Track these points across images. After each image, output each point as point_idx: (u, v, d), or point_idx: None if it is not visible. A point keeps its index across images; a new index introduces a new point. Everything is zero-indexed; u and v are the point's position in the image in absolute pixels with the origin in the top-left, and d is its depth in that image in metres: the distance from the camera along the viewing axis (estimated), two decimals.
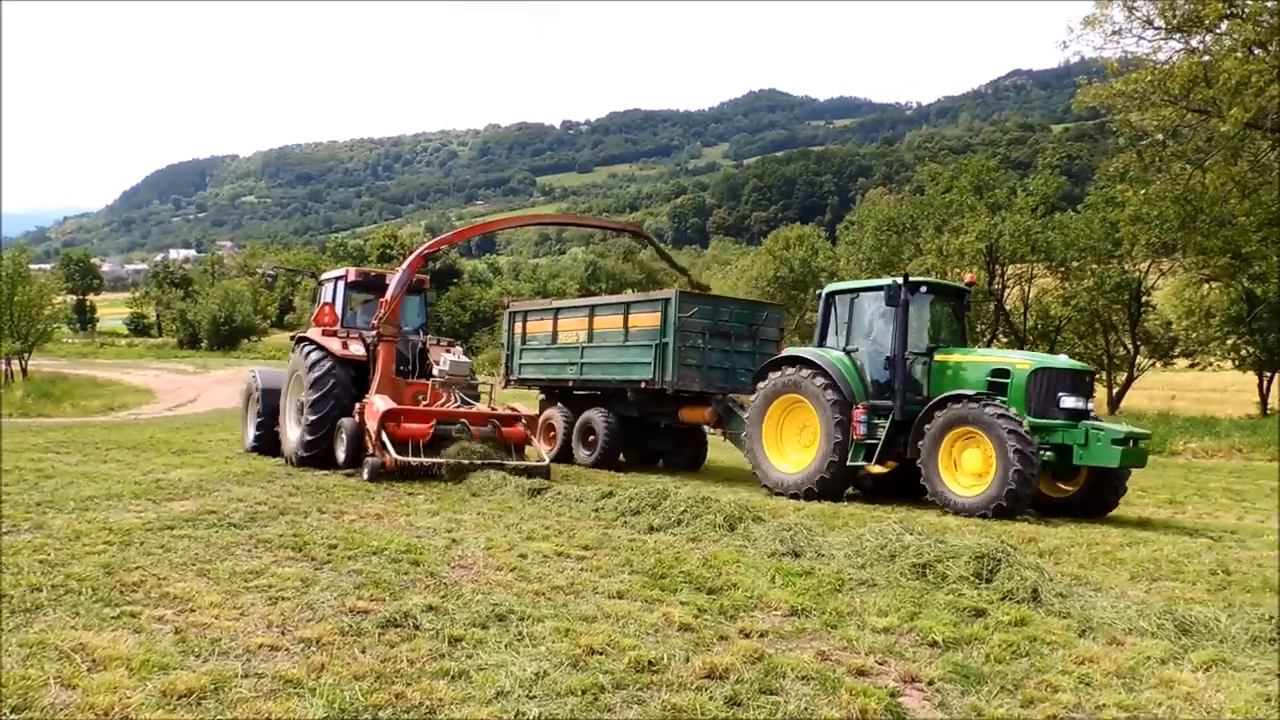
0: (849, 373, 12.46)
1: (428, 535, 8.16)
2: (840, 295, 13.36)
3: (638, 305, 16.06)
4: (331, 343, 13.72)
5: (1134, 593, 6.77)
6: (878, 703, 4.11)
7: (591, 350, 16.53)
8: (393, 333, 13.59)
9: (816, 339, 13.44)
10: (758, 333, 16.14)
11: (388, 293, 13.73)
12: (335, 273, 15.61)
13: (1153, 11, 26.05)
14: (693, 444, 17.29)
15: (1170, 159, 26.90)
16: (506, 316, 18.91)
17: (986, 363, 12.14)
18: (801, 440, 13.02)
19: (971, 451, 11.26)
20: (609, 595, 6.08)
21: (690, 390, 15.24)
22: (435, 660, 4.52)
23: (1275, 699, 4.37)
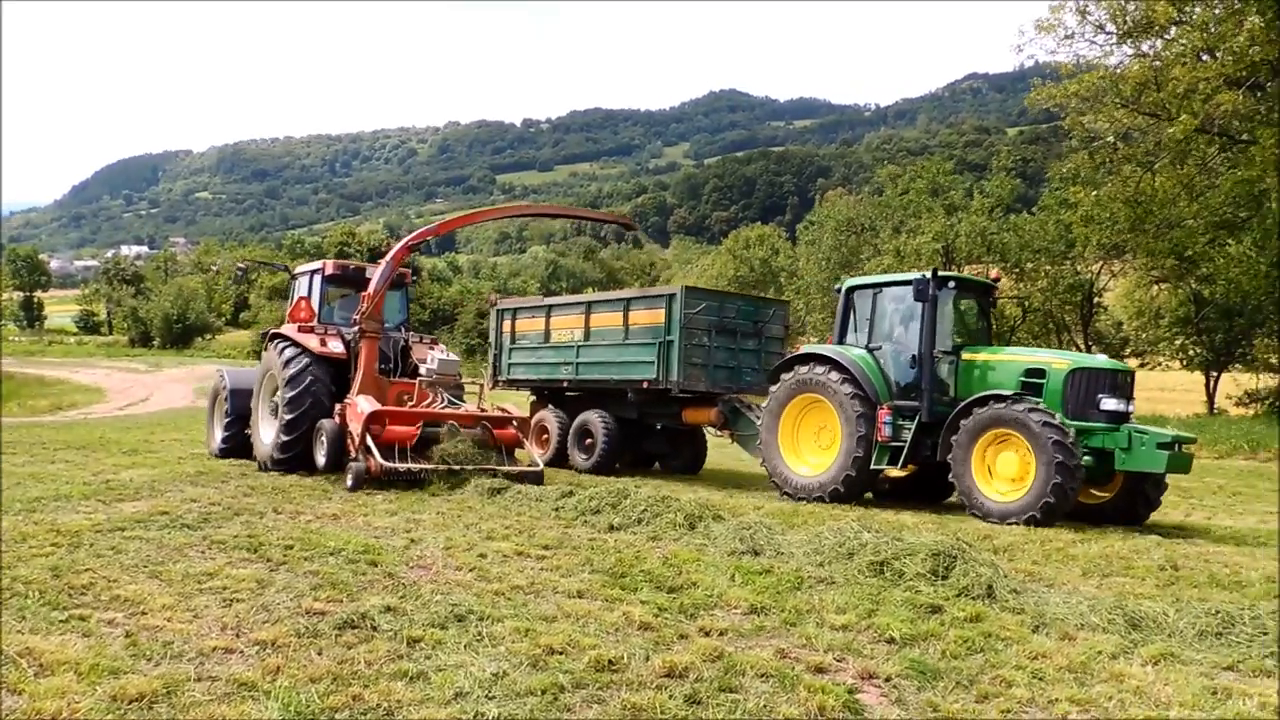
0: (872, 372, 11.95)
1: (386, 535, 8.08)
2: (861, 290, 12.79)
3: (639, 302, 15.43)
4: (309, 340, 12.96)
5: (1085, 588, 6.89)
6: (836, 700, 4.14)
7: (588, 349, 15.88)
8: (376, 329, 12.93)
9: (836, 336, 12.85)
10: (763, 330, 15.56)
11: (370, 286, 13.06)
12: (311, 266, 14.79)
13: (1104, 16, 26.55)
14: (691, 446, 16.65)
15: (1121, 161, 27.42)
16: (494, 315, 18.18)
17: (1020, 362, 11.56)
18: (819, 442, 12.45)
19: (1008, 455, 10.69)
20: (569, 595, 6.07)
21: (695, 390, 14.68)
22: (393, 661, 4.48)
23: (1222, 691, 4.46)
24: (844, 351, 12.21)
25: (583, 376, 15.95)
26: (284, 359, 12.73)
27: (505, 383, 17.63)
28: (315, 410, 12.47)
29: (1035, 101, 28.68)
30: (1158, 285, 33.84)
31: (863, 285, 12.85)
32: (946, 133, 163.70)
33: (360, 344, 12.82)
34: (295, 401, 12.42)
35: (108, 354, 69.14)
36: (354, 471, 11.25)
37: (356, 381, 12.64)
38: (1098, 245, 28.73)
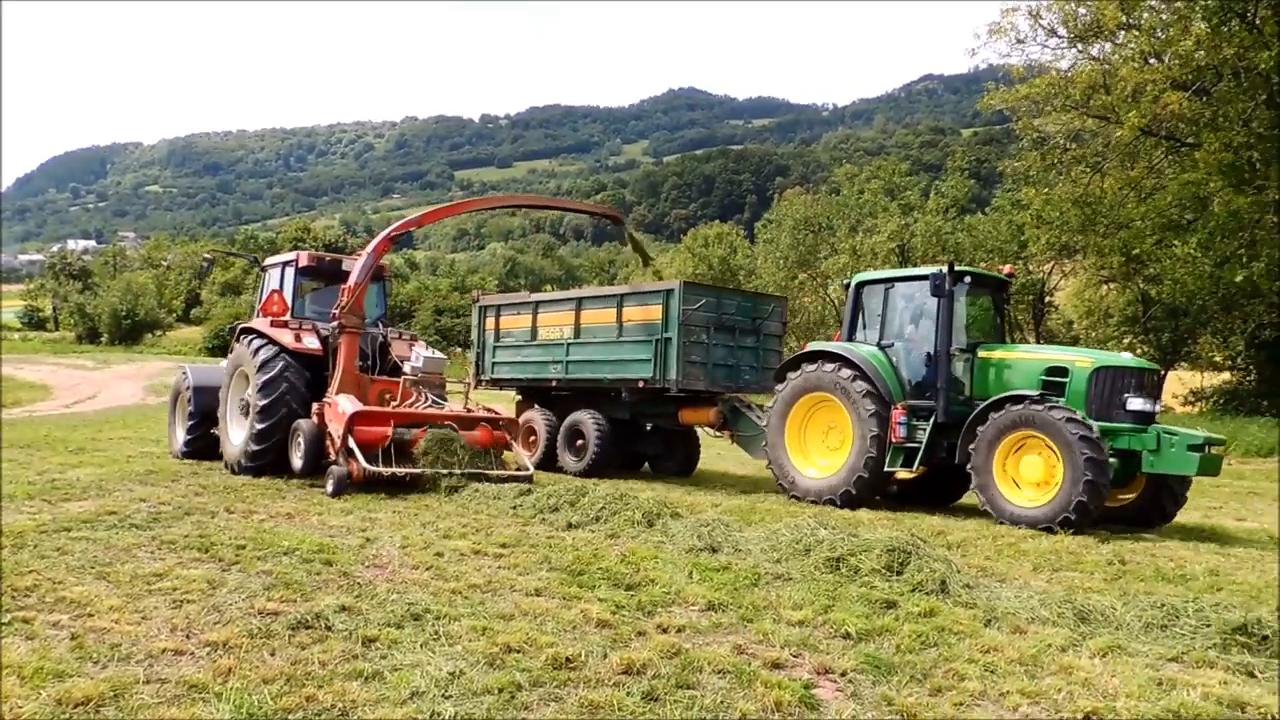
0: (885, 370, 11.58)
1: (341, 534, 8.00)
2: (872, 286, 12.38)
3: (634, 298, 14.77)
4: (282, 335, 12.33)
5: (1036, 583, 7.01)
6: (792, 695, 4.17)
7: (578, 347, 15.27)
8: (357, 324, 12.36)
9: (845, 333, 12.45)
10: (761, 327, 15.02)
11: (350, 279, 12.47)
12: (284, 257, 14.14)
13: (1055, 20, 27.02)
14: (684, 447, 16.07)
15: (1071, 163, 27.91)
16: (476, 311, 17.42)
17: (1040, 360, 11.16)
18: (828, 443, 12.06)
19: (1031, 459, 10.28)
20: (526, 593, 6.05)
21: (694, 390, 14.11)
22: (348, 661, 4.43)
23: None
24: (855, 349, 11.87)
25: (573, 375, 15.40)
26: (256, 355, 12.10)
27: (488, 382, 17.05)
28: (290, 409, 11.88)
29: (988, 105, 29.12)
30: (1107, 285, 34.50)
31: (873, 281, 12.43)
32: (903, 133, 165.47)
33: (339, 340, 12.27)
34: (268, 399, 11.81)
35: (54, 350, 67.60)
36: (335, 476, 10.62)
37: (335, 379, 12.08)
38: (1048, 245, 29.23)
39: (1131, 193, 26.52)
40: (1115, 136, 25.38)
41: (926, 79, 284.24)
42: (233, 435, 12.60)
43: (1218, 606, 5.79)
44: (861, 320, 12.30)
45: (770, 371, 14.69)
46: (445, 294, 76.68)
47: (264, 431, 11.75)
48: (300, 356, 12.24)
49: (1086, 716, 4.08)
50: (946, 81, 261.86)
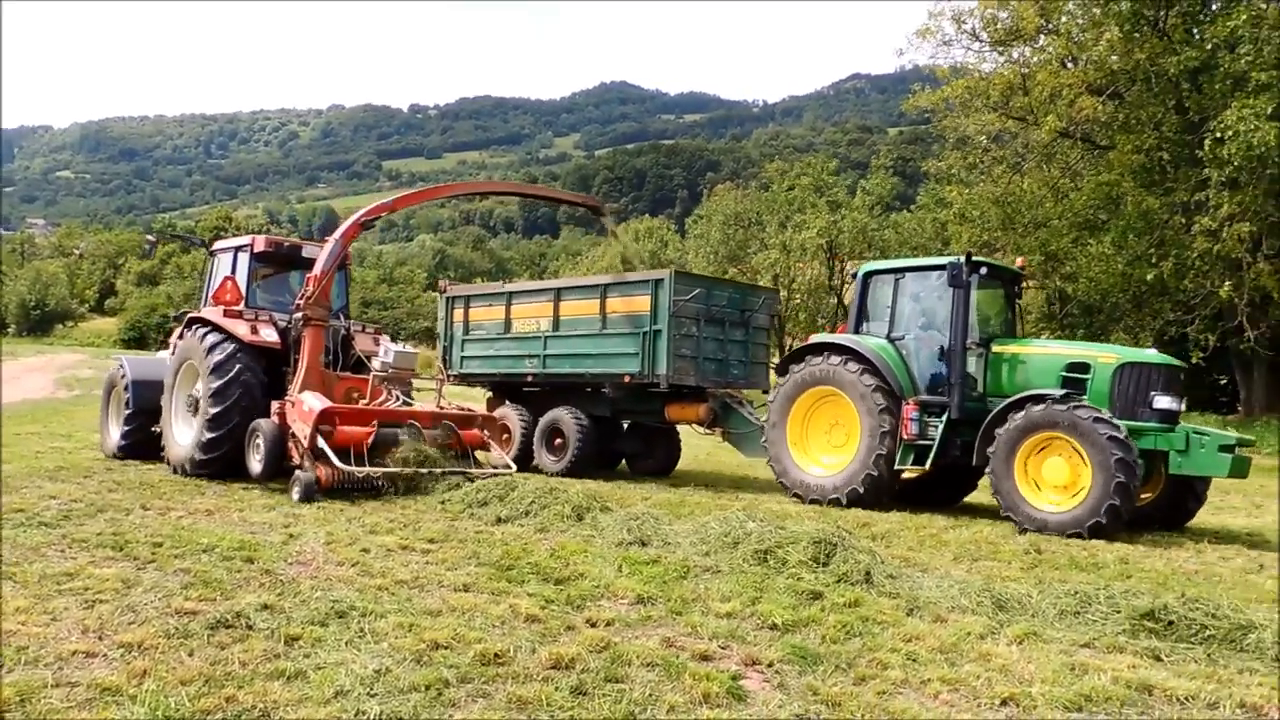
0: (895, 363, 11.12)
1: (263, 531, 7.83)
2: (880, 276, 11.86)
3: (619, 288, 14.00)
4: (236, 326, 11.44)
5: (957, 572, 7.18)
6: (720, 686, 4.21)
7: (557, 340, 14.52)
8: (322, 316, 11.48)
9: (851, 325, 11.96)
10: (750, 320, 14.40)
11: (316, 266, 11.57)
12: (236, 241, 13.16)
13: (978, 24, 27.67)
14: (665, 445, 15.37)
15: (992, 163, 28.63)
16: (443, 302, 16.53)
17: (1059, 356, 10.70)
18: (831, 439, 11.58)
19: (1055, 460, 9.76)
20: (455, 588, 6.00)
21: (684, 385, 13.44)
22: (270, 661, 4.34)
23: None
24: (863, 341, 11.36)
25: (551, 370, 14.66)
26: (208, 348, 11.23)
27: (457, 378, 16.14)
28: (246, 407, 11.02)
29: (913, 105, 29.73)
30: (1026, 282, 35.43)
31: (882, 270, 11.92)
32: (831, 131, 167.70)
33: (303, 333, 11.36)
34: (221, 394, 10.95)
35: None
36: (302, 482, 9.75)
37: (299, 375, 11.15)
38: (970, 243, 29.85)
39: (1049, 192, 27.31)
40: (1033, 138, 26.11)
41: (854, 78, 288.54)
42: (179, 435, 11.73)
43: (1127, 593, 6.01)
44: (869, 312, 11.83)
45: (760, 366, 14.49)
46: (373, 286, 75.36)
47: (216, 432, 10.91)
48: (256, 350, 11.44)
49: (1004, 702, 4.20)
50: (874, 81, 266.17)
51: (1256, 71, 20.25)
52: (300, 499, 9.55)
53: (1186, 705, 4.21)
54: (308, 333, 11.36)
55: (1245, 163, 20.00)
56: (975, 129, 28.07)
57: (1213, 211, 21.52)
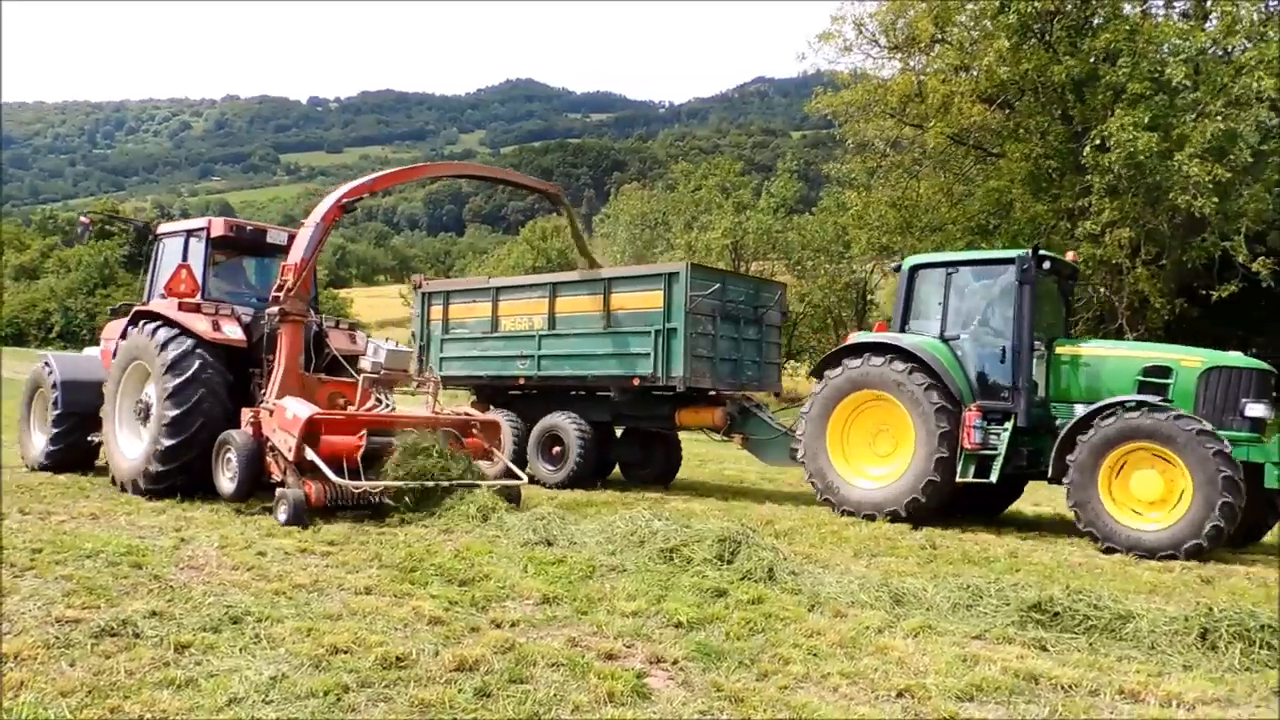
0: (951, 365, 10.29)
1: (152, 535, 7.53)
2: (928, 270, 11.02)
3: (626, 282, 13.00)
4: (195, 321, 10.05)
5: (856, 568, 7.36)
6: (625, 685, 4.22)
7: (553, 340, 13.49)
8: (302, 311, 10.16)
9: (896, 322, 11.04)
10: (762, 317, 13.55)
11: (294, 253, 10.18)
12: (189, 224, 11.58)
13: (877, 30, 28.38)
14: (665, 452, 14.37)
15: (890, 167, 29.39)
16: (419, 299, 15.41)
17: (1134, 358, 9.89)
18: (876, 448, 10.70)
19: (1145, 474, 8.96)
20: (355, 591, 5.88)
21: (700, 388, 12.56)
22: (158, 669, 4.18)
23: None
24: (918, 342, 10.51)
25: (547, 372, 13.59)
26: (163, 346, 9.84)
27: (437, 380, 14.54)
28: (209, 409, 9.70)
29: (814, 109, 30.30)
30: None
31: (932, 264, 11.10)
32: (736, 133, 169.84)
33: (280, 329, 9.98)
34: (180, 395, 9.57)
35: None
36: (290, 501, 8.48)
37: (276, 378, 9.80)
38: (869, 245, 30.62)
39: (944, 198, 28.17)
40: (928, 144, 26.90)
41: (758, 81, 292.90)
42: (125, 447, 10.31)
43: (1016, 586, 6.25)
44: (916, 308, 10.98)
45: (772, 367, 13.77)
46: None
47: (175, 438, 9.53)
48: (218, 349, 10.07)
49: (900, 693, 4.32)
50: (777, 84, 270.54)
51: (1134, 83, 21.28)
52: (288, 521, 8.32)
53: (1070, 693, 4.40)
54: (285, 330, 9.97)
55: (1125, 170, 21.00)
56: (874, 134, 28.79)
57: (1095, 217, 22.51)
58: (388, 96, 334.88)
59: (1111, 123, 21.18)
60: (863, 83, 28.48)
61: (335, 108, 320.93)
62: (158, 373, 9.83)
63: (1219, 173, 20.06)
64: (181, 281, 10.54)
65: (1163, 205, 21.88)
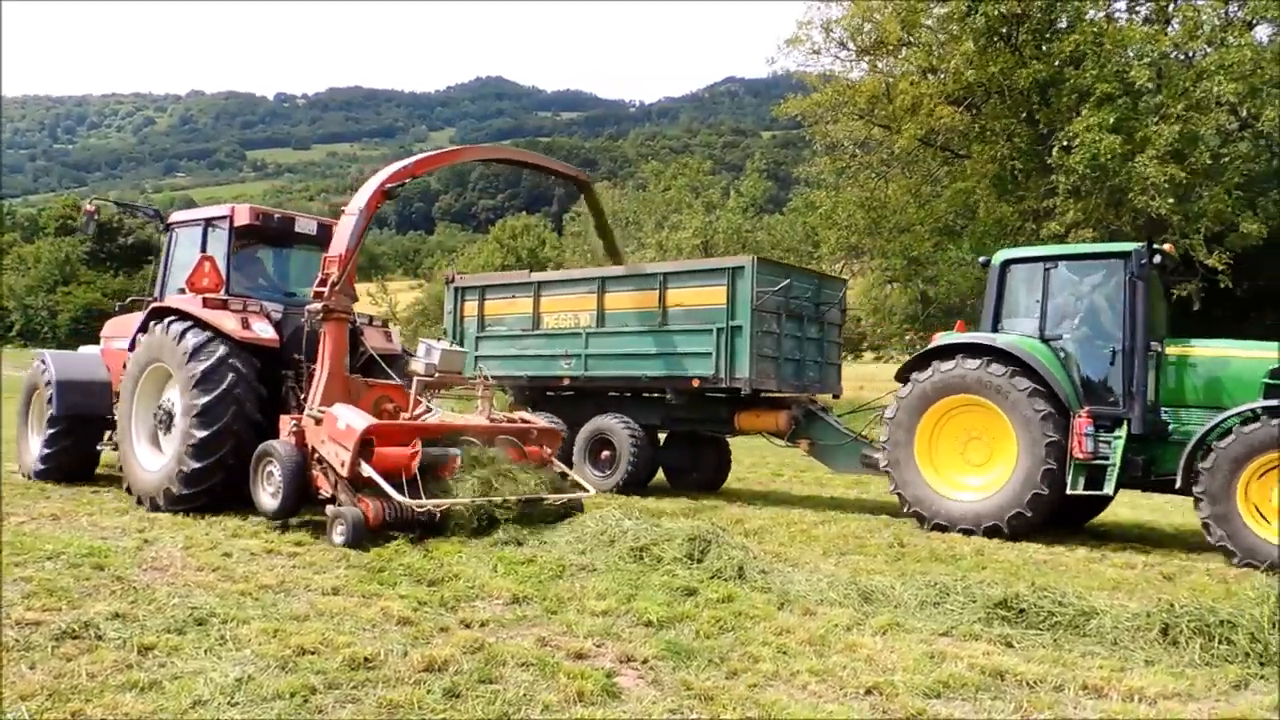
0: (1055, 368, 9.55)
1: (115, 536, 7.43)
2: (1023, 265, 10.29)
3: (685, 278, 12.35)
4: (223, 319, 9.10)
5: (825, 566, 7.40)
6: (594, 684, 4.22)
7: (603, 338, 12.75)
8: (347, 307, 9.19)
9: (988, 321, 10.31)
10: (824, 315, 12.93)
11: (337, 243, 9.23)
12: (207, 211, 10.52)
13: (845, 34, 28.57)
14: (715, 457, 13.74)
15: (859, 168, 29.60)
16: (450, 294, 14.61)
17: (1260, 359, 9.06)
18: (968, 457, 9.91)
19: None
20: (323, 592, 5.83)
21: (765, 389, 11.90)
22: (121, 672, 4.13)
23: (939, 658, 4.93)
24: (1019, 343, 9.72)
25: (595, 373, 12.84)
26: (189, 349, 8.84)
27: None
28: (240, 432, 8.80)
29: (783, 111, 30.47)
30: (890, 284, 36.78)
31: (1027, 259, 10.37)
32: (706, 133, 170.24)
33: (323, 328, 9.03)
34: (210, 414, 8.65)
35: None
36: (350, 522, 7.51)
37: (320, 382, 8.81)
38: (838, 245, 30.82)
39: (912, 199, 28.41)
40: (897, 145, 27.13)
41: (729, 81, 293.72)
42: (144, 459, 9.39)
43: (982, 583, 6.31)
44: (1009, 306, 10.27)
45: (832, 368, 13.23)
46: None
47: (203, 461, 8.64)
48: (247, 351, 9.12)
49: (868, 691, 4.35)
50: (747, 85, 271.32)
51: (1100, 84, 21.58)
52: (347, 543, 7.41)
53: (1035, 689, 4.45)
54: (329, 328, 8.98)
55: (1089, 172, 21.29)
56: (843, 135, 28.99)
57: (1059, 218, 22.79)
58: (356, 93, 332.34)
59: (1077, 124, 21.47)
60: (832, 85, 28.69)
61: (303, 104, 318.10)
62: (184, 383, 8.85)
63: (1178, 174, 20.39)
64: (204, 275, 9.54)
65: (1125, 207, 22.22)
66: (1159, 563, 8.39)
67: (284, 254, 10.92)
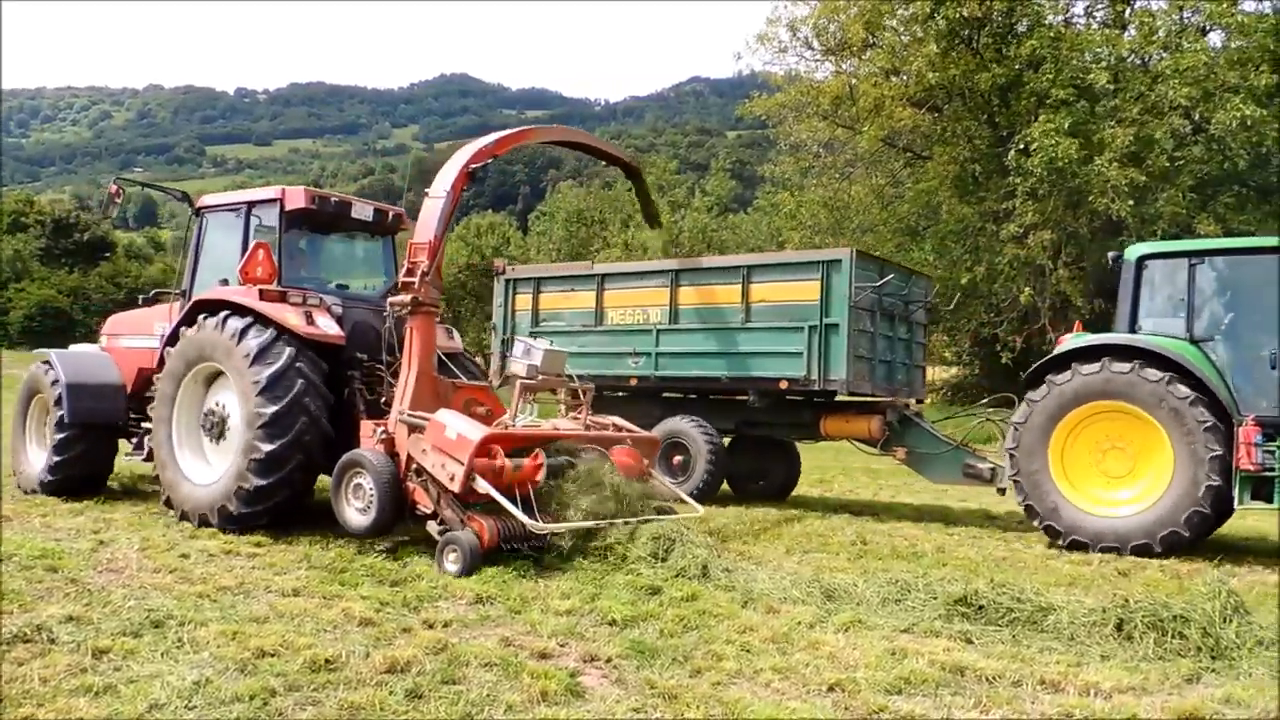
0: (1212, 373, 8.79)
1: (69, 538, 7.30)
2: (1165, 261, 9.40)
3: (771, 271, 11.51)
4: (285, 313, 8.11)
5: (789, 564, 7.44)
6: (558, 684, 4.21)
7: (676, 335, 11.91)
8: (436, 300, 8.36)
9: (1123, 322, 9.47)
10: (911, 314, 12.20)
11: (424, 229, 8.39)
12: (250, 194, 9.42)
13: (811, 34, 28.79)
14: (783, 464, 12.88)
15: (823, 169, 29.83)
16: (502, 286, 13.50)
17: None
18: (1107, 468, 9.06)
19: None
20: (283, 593, 5.77)
21: (860, 392, 11.16)
22: (75, 676, 4.05)
23: None
24: (1164, 344, 8.93)
25: (667, 372, 11.99)
26: (252, 351, 7.87)
27: None
28: (309, 444, 7.91)
29: (749, 110, 30.65)
30: None
31: (1168, 254, 9.52)
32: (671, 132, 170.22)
33: (409, 324, 8.18)
34: (276, 429, 7.69)
35: None
36: (462, 546, 6.62)
37: (408, 384, 7.93)
38: (802, 244, 31.03)
39: (875, 199, 28.67)
40: (860, 146, 27.37)
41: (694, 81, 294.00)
42: (190, 471, 8.40)
43: (943, 580, 6.38)
44: (1147, 305, 9.44)
45: (918, 370, 12.51)
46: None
47: (268, 484, 7.73)
48: (310, 350, 8.16)
49: (830, 688, 4.38)
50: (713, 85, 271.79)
51: (1058, 88, 21.91)
52: (461, 572, 6.53)
53: (994, 684, 4.50)
54: (417, 323, 8.15)
55: (1047, 174, 21.61)
56: (808, 135, 29.21)
57: (1018, 219, 23.11)
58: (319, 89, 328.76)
59: (1034, 128, 21.78)
60: (796, 85, 28.91)
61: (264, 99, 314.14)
62: (245, 389, 7.87)
63: (1135, 176, 20.75)
64: (259, 264, 8.48)
65: (1083, 208, 22.57)
66: (1114, 559, 8.53)
67: (332, 242, 10.01)
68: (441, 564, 6.69)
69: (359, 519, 7.37)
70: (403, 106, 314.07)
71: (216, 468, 8.23)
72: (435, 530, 7.05)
